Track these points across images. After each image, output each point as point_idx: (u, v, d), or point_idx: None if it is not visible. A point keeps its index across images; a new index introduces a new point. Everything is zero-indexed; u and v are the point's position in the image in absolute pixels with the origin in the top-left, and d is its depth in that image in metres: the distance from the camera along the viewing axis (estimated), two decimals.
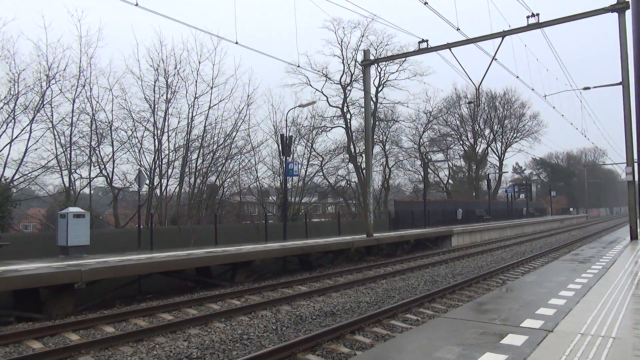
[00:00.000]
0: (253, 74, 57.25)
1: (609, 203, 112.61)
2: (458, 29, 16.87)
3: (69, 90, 21.08)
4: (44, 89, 20.20)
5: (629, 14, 14.22)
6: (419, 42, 19.36)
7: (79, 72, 21.33)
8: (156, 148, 23.93)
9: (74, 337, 7.80)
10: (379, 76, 36.63)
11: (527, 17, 16.96)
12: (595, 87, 22.45)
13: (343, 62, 35.28)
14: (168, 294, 12.04)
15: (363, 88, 23.57)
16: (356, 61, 34.20)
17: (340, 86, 36.00)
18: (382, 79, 36.96)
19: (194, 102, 25.15)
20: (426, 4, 15.01)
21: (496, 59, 17.71)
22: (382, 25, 39.41)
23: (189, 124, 24.97)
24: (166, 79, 24.22)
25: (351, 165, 36.90)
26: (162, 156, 24.18)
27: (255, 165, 29.18)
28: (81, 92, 21.53)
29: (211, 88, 25.53)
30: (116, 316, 9.05)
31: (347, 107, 36.35)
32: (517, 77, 21.03)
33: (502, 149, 57.16)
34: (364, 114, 24.43)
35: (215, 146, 26.06)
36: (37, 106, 19.90)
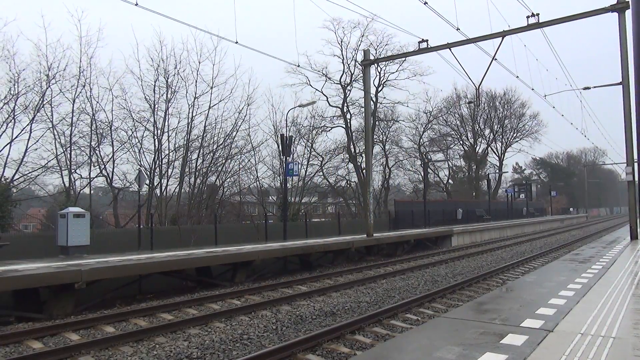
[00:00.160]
0: (253, 74, 57.50)
1: (609, 203, 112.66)
2: (458, 29, 16.91)
3: (69, 90, 21.14)
4: (44, 89, 20.23)
5: (629, 14, 14.27)
6: (419, 42, 19.36)
7: (79, 72, 21.39)
8: (156, 148, 23.95)
9: (74, 337, 7.80)
10: (378, 76, 36.67)
11: (527, 17, 16.96)
12: (595, 87, 22.56)
13: (343, 62, 35.34)
14: (168, 293, 12.04)
15: (363, 88, 23.59)
16: (356, 61, 34.22)
17: (340, 86, 36.02)
18: (382, 79, 37.01)
19: (194, 102, 25.20)
20: (426, 4, 15.03)
21: (496, 59, 17.75)
22: (382, 25, 39.46)
23: (189, 123, 25.01)
24: (166, 78, 24.25)
25: (351, 165, 36.91)
26: (162, 156, 24.20)
27: (255, 165, 29.23)
28: (81, 92, 21.59)
29: (211, 88, 25.58)
30: (116, 316, 9.06)
31: (347, 107, 36.37)
32: (517, 77, 21.09)
33: (502, 149, 57.28)
34: (364, 113, 24.41)
35: (215, 146, 26.09)
36: (37, 106, 19.92)
